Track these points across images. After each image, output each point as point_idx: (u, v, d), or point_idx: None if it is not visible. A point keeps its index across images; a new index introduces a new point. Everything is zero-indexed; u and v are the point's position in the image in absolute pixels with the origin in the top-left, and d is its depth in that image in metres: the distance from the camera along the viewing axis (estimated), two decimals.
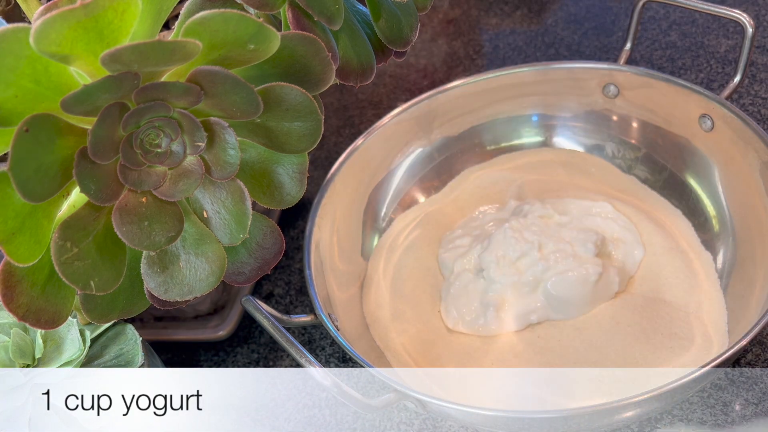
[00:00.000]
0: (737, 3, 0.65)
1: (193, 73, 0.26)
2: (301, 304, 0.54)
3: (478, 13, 0.73)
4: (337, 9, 0.32)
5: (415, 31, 0.37)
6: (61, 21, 0.24)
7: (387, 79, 0.69)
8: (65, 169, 0.26)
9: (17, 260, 0.27)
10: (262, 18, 0.33)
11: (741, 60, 0.48)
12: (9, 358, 0.38)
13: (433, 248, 0.52)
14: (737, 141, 0.46)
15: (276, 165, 0.31)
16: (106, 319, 0.31)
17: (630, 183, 0.53)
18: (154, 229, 0.28)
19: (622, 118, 0.53)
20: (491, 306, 0.46)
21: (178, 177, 0.28)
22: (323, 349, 0.50)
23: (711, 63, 0.61)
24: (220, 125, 0.28)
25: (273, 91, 0.29)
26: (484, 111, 0.56)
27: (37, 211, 0.27)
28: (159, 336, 0.52)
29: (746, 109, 0.56)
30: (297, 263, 0.56)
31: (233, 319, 0.52)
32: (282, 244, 0.32)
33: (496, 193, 0.54)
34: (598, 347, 0.44)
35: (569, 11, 0.70)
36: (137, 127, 0.27)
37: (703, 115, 0.48)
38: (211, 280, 0.30)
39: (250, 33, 0.27)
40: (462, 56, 0.69)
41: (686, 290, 0.46)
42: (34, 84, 0.25)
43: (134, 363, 0.39)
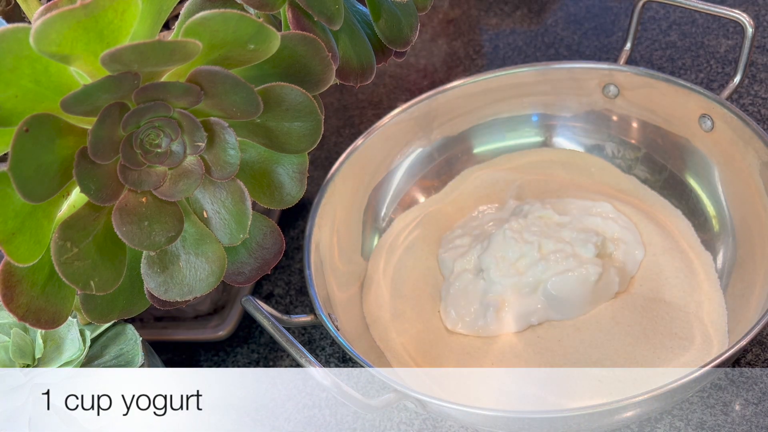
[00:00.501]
0: (737, 3, 0.65)
1: (193, 73, 0.26)
2: (301, 304, 0.54)
3: (478, 13, 0.73)
4: (337, 9, 0.32)
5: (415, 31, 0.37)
6: (61, 21, 0.24)
7: (387, 79, 0.69)
8: (65, 169, 0.26)
9: (17, 260, 0.27)
10: (262, 18, 0.33)
11: (741, 60, 0.47)
12: (9, 358, 0.38)
13: (433, 248, 0.52)
14: (737, 141, 0.46)
15: (276, 165, 0.31)
16: (106, 319, 0.31)
17: (630, 183, 0.53)
18: (154, 229, 0.28)
19: (622, 118, 0.53)
20: (491, 307, 0.46)
21: (178, 177, 0.28)
22: (323, 349, 0.50)
23: (711, 63, 0.61)
24: (220, 125, 0.28)
25: (273, 91, 0.29)
26: (484, 111, 0.56)
27: (37, 211, 0.27)
28: (159, 336, 0.52)
29: (746, 109, 0.56)
30: (297, 263, 0.56)
31: (233, 319, 0.52)
32: (282, 244, 0.32)
33: (496, 193, 0.54)
34: (598, 347, 0.44)
35: (569, 11, 0.70)
36: (137, 127, 0.27)
37: (703, 115, 0.48)
38: (211, 280, 0.30)
39: (250, 33, 0.27)
40: (462, 56, 0.69)
41: (686, 290, 0.46)
42: (34, 84, 0.25)
43: (134, 363, 0.39)
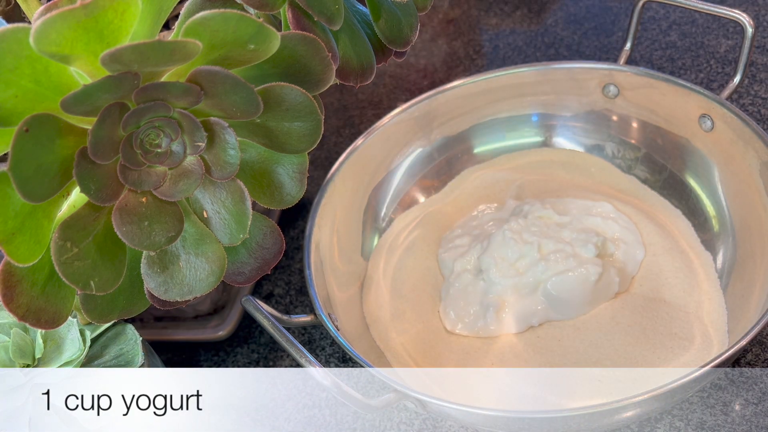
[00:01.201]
0: (737, 3, 0.65)
1: (193, 73, 0.26)
2: (301, 304, 0.54)
3: (478, 13, 0.73)
4: (337, 9, 0.32)
5: (415, 31, 0.37)
6: (61, 21, 0.24)
7: (387, 79, 0.69)
8: (65, 169, 0.26)
9: (17, 260, 0.27)
10: (262, 18, 0.33)
11: (741, 60, 0.48)
12: (9, 358, 0.38)
13: (432, 248, 0.52)
14: (737, 141, 0.46)
15: (276, 165, 0.31)
16: (106, 319, 0.31)
17: (630, 183, 0.53)
18: (154, 229, 0.28)
19: (622, 118, 0.53)
20: (491, 307, 0.46)
21: (178, 177, 0.28)
22: (323, 349, 0.50)
23: (711, 63, 0.61)
24: (220, 125, 0.28)
25: (273, 91, 0.29)
26: (484, 111, 0.56)
27: (37, 211, 0.27)
28: (159, 336, 0.52)
29: (746, 109, 0.56)
30: (297, 263, 0.56)
31: (233, 319, 0.52)
32: (282, 244, 0.32)
33: (496, 193, 0.54)
34: (598, 347, 0.44)
35: (569, 11, 0.70)
36: (137, 127, 0.27)
37: (703, 115, 0.48)
38: (211, 280, 0.30)
39: (250, 33, 0.27)
40: (462, 56, 0.69)
41: (686, 290, 0.46)
42: (34, 84, 0.25)
43: (134, 363, 0.39)
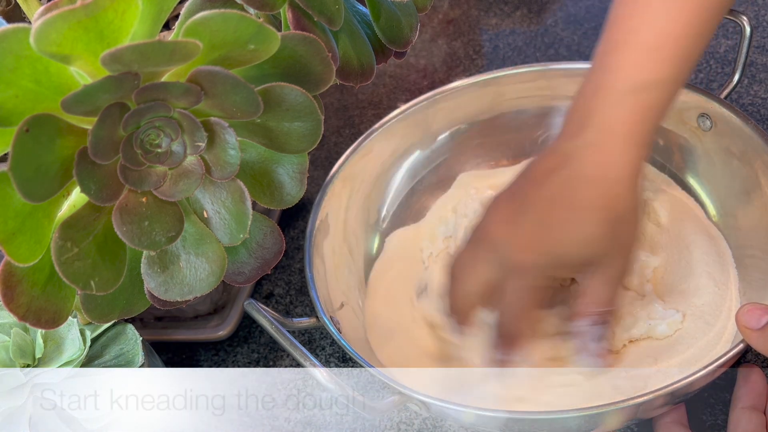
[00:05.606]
0: (737, 3, 0.65)
1: (194, 74, 0.27)
2: (301, 304, 0.54)
3: (478, 13, 0.73)
4: (337, 9, 0.32)
5: (415, 31, 0.37)
6: (62, 21, 0.24)
7: (387, 79, 0.69)
8: (65, 169, 0.26)
9: (18, 260, 0.27)
10: (262, 18, 0.33)
11: (739, 60, 0.48)
12: (9, 358, 0.38)
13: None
14: (736, 141, 0.46)
15: (276, 165, 0.31)
16: (106, 319, 0.31)
17: None
18: (155, 229, 0.28)
19: None
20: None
21: (178, 177, 0.28)
22: (323, 348, 0.50)
23: (710, 63, 0.61)
24: (220, 125, 0.28)
25: (273, 91, 0.29)
26: (484, 111, 0.56)
27: (38, 211, 0.27)
28: (159, 336, 0.52)
29: (746, 109, 0.56)
30: (297, 263, 0.56)
31: (233, 319, 0.52)
32: (282, 244, 0.32)
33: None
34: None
35: (569, 11, 0.70)
36: (137, 127, 0.27)
37: (702, 115, 0.48)
38: (211, 280, 0.30)
39: (250, 33, 0.27)
40: (462, 56, 0.69)
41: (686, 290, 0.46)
42: (34, 84, 0.25)
43: (134, 363, 0.39)
